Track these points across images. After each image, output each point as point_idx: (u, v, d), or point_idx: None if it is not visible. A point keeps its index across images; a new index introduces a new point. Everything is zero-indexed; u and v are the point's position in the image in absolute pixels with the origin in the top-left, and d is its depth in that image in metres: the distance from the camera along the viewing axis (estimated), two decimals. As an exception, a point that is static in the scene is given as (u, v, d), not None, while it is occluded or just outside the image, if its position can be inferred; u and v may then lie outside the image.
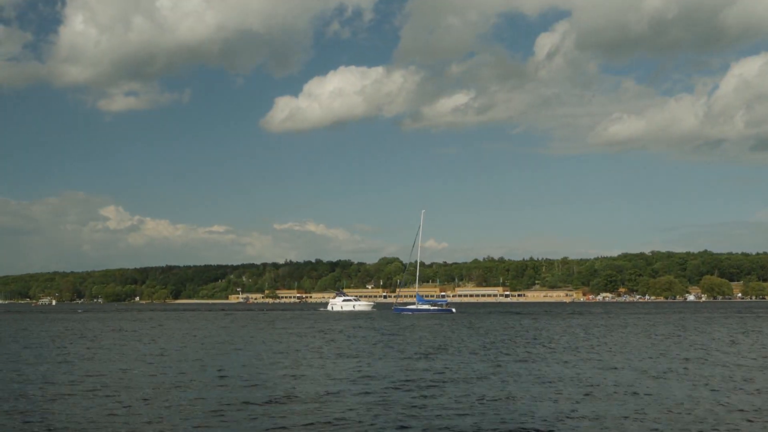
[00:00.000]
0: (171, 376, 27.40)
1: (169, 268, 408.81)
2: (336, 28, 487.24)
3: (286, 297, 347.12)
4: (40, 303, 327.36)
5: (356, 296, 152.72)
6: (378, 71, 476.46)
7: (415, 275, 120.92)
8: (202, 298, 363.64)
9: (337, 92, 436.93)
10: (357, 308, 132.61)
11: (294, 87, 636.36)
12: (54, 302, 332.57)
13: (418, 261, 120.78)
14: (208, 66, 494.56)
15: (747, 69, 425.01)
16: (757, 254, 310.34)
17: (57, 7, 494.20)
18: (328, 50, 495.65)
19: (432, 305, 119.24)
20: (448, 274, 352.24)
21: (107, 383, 25.58)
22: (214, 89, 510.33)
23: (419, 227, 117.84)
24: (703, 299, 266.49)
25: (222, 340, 49.15)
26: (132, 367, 31.28)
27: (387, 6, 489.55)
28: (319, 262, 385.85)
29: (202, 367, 30.55)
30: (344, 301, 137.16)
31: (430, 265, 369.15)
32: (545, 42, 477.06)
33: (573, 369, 29.06)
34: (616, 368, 29.33)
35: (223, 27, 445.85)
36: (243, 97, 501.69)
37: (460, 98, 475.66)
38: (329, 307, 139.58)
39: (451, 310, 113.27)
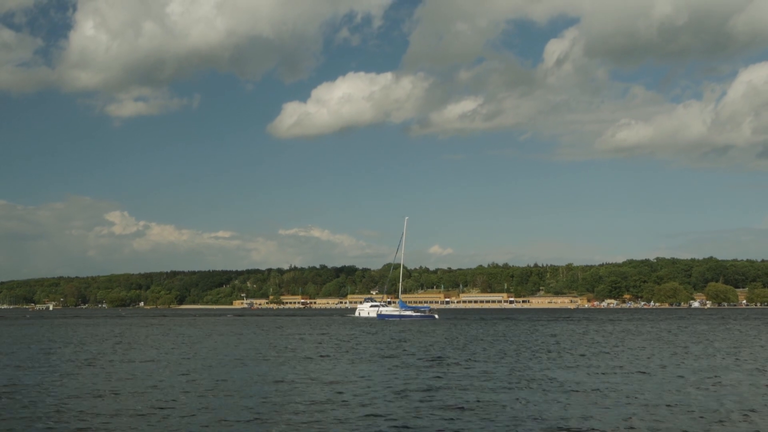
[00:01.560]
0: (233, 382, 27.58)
1: (174, 274, 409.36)
2: (345, 34, 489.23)
3: (290, 302, 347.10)
4: (36, 308, 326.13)
5: (384, 302, 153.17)
6: (387, 77, 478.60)
7: (399, 281, 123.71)
8: (207, 303, 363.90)
9: (346, 98, 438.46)
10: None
11: (302, 92, 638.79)
12: (51, 307, 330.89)
13: (401, 268, 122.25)
14: (219, 72, 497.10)
15: (756, 75, 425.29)
16: (763, 261, 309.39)
17: (68, 13, 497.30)
18: (338, 56, 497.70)
19: (415, 311, 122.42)
20: (453, 280, 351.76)
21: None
22: (223, 95, 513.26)
23: (402, 234, 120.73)
24: (708, 306, 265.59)
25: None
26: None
27: (396, 12, 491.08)
28: (323, 267, 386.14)
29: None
30: (371, 306, 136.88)
31: (435, 271, 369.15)
32: (554, 48, 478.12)
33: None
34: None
35: (233, 33, 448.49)
36: (252, 102, 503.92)
37: (468, 104, 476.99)
38: (357, 313, 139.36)
39: (433, 317, 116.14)
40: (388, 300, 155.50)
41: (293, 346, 48.61)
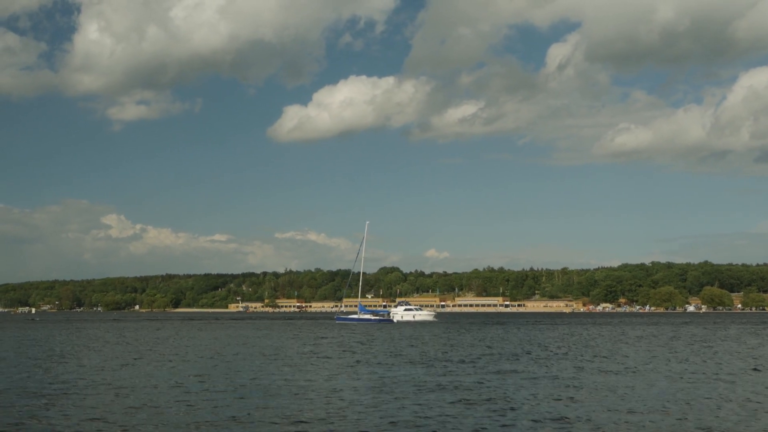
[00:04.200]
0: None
1: (169, 277, 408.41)
2: (348, 39, 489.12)
3: (285, 306, 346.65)
4: (19, 311, 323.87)
5: (418, 306, 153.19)
6: (389, 81, 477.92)
7: (359, 285, 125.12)
8: (202, 307, 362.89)
9: (348, 102, 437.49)
10: (417, 318, 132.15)
11: (303, 96, 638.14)
12: (34, 310, 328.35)
13: (362, 271, 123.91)
14: (221, 76, 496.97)
15: (756, 80, 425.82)
16: (758, 265, 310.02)
17: (72, 17, 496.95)
18: (340, 60, 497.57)
19: (373, 315, 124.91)
20: (449, 283, 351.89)
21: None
22: (225, 99, 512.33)
23: (363, 238, 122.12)
24: (703, 310, 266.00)
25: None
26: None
27: (399, 17, 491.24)
28: (318, 271, 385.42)
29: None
30: (405, 310, 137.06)
31: (430, 275, 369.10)
32: (557, 53, 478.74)
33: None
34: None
35: (236, 37, 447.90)
36: (252, 106, 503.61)
37: (468, 108, 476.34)
38: (391, 316, 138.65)
39: (391, 320, 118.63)
40: (419, 305, 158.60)
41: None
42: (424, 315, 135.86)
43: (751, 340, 60.02)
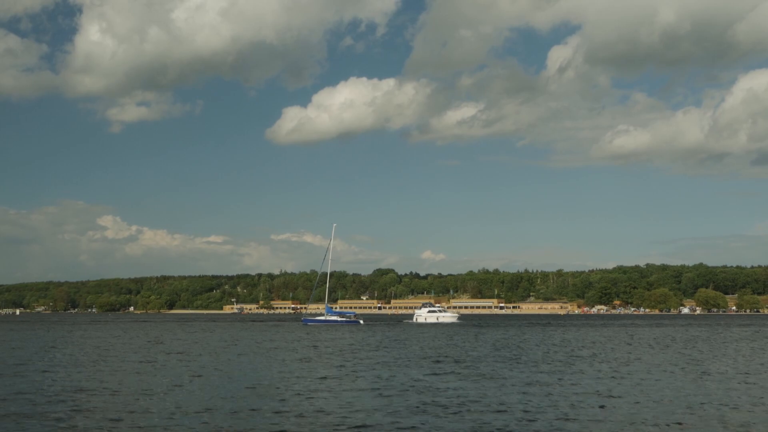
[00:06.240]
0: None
1: (164, 278, 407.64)
2: (349, 42, 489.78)
3: (280, 308, 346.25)
4: (4, 312, 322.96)
5: (441, 308, 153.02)
6: (389, 83, 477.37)
7: (326, 287, 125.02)
8: (197, 308, 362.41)
9: (348, 103, 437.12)
10: (440, 320, 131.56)
11: (303, 97, 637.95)
12: (18, 312, 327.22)
13: (329, 274, 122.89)
14: (222, 78, 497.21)
15: (756, 82, 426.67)
16: (752, 267, 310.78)
17: (74, 18, 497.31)
18: (340, 62, 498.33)
19: (340, 316, 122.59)
20: (444, 285, 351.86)
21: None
22: (226, 101, 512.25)
23: (330, 241, 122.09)
24: (698, 312, 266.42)
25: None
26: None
27: (401, 19, 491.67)
28: (314, 272, 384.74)
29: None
30: (429, 312, 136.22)
31: (425, 277, 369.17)
32: (558, 56, 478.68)
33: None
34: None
35: (237, 39, 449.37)
36: (252, 108, 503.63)
37: (468, 111, 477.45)
38: (414, 319, 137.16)
39: (358, 322, 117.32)
40: (447, 306, 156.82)
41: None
42: (448, 317, 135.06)
43: None
